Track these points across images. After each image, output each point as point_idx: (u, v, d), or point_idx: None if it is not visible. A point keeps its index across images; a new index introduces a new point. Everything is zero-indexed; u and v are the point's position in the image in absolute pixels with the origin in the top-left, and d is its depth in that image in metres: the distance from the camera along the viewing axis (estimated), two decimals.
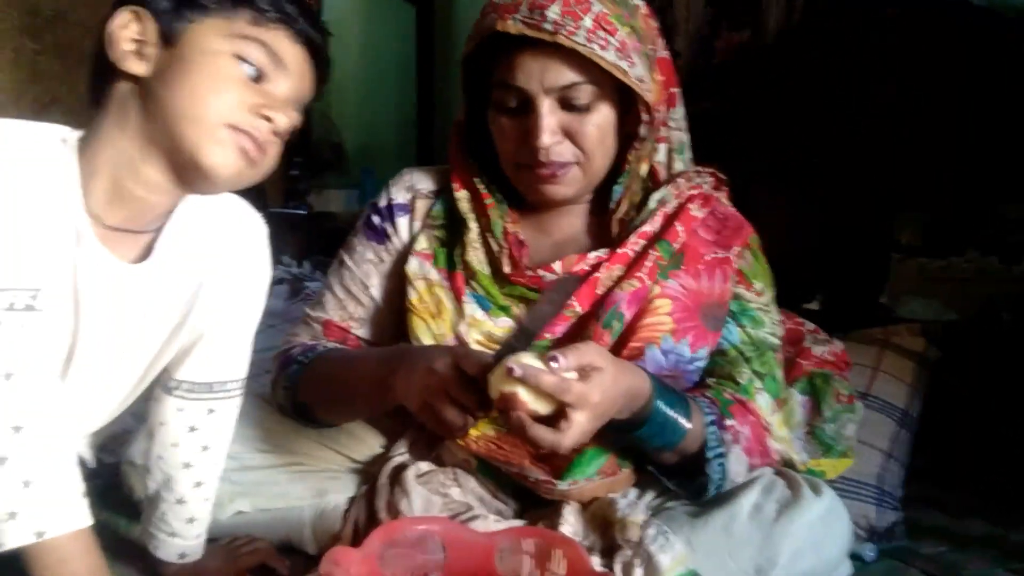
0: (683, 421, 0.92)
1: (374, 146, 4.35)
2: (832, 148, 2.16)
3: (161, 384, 0.93)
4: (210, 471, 0.96)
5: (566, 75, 0.94)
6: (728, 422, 0.96)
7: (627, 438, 0.94)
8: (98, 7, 0.82)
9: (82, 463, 0.89)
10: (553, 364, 0.77)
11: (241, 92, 0.77)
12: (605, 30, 0.92)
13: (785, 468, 1.03)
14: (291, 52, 0.80)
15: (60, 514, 0.71)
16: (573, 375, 0.79)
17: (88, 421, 0.92)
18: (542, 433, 0.78)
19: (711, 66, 2.75)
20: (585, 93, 0.95)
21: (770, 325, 1.06)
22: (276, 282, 2.59)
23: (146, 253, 0.84)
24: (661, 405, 0.90)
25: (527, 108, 0.97)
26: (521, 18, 0.92)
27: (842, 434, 1.23)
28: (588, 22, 0.91)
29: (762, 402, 1.01)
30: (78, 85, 0.81)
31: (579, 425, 0.78)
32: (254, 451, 1.07)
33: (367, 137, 4.36)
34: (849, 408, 1.25)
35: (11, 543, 0.68)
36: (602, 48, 0.92)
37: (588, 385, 0.78)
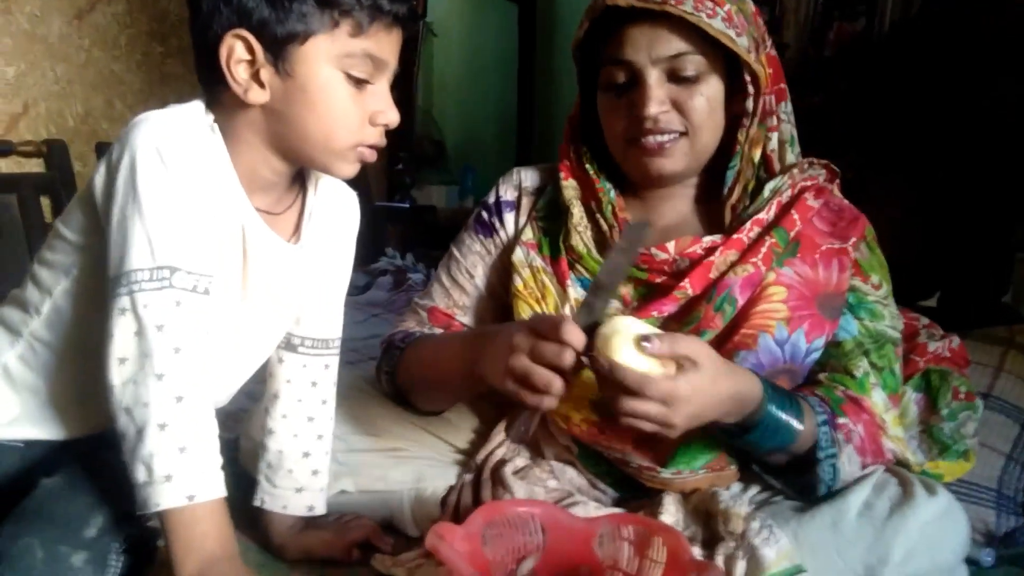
0: (795, 423, 0.90)
1: (474, 144, 4.40)
2: (952, 142, 2.06)
3: (285, 345, 1.00)
4: (328, 425, 1.02)
5: (674, 44, 0.95)
6: (840, 420, 0.93)
7: (740, 443, 0.93)
8: None
9: None
10: (645, 345, 0.77)
11: (358, 109, 0.82)
12: (713, 1, 0.94)
13: (898, 467, 0.99)
14: (388, 43, 0.83)
15: (207, 481, 0.75)
16: (671, 366, 0.79)
17: (226, 393, 0.98)
18: (631, 377, 0.77)
19: (822, 58, 2.67)
20: (693, 64, 0.96)
21: (890, 318, 1.03)
22: (380, 273, 2.68)
23: (293, 233, 0.92)
24: (773, 409, 0.88)
25: (635, 83, 0.98)
26: None
27: (961, 433, 1.17)
28: None
29: (877, 398, 0.98)
30: (200, 87, 0.86)
31: (663, 417, 0.78)
32: (360, 434, 1.11)
33: (468, 135, 4.43)
34: (969, 405, 1.19)
35: (165, 504, 0.73)
36: (709, 16, 0.93)
37: (677, 382, 0.78)
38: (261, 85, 0.80)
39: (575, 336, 0.80)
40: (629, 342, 0.79)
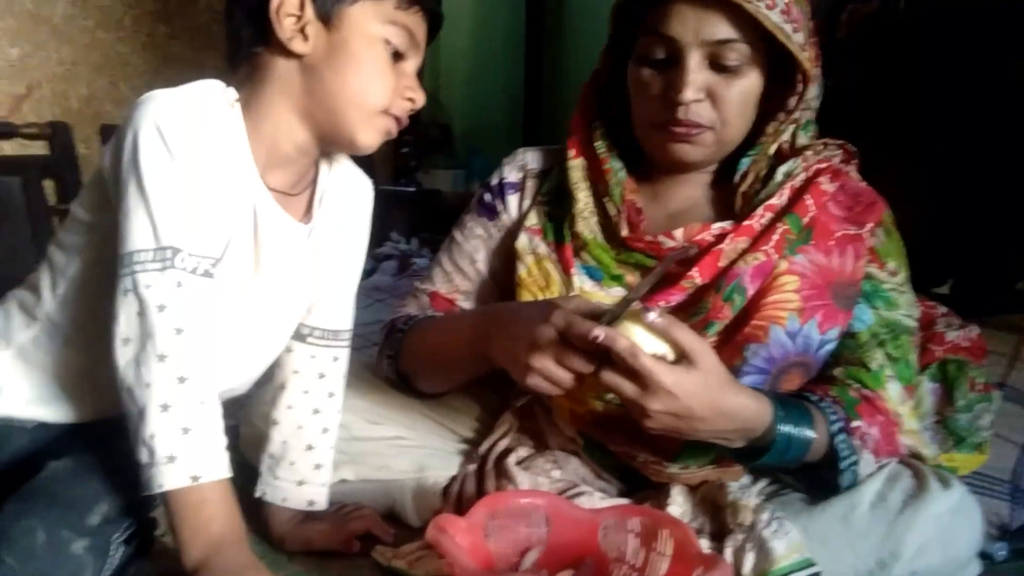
0: (808, 433, 0.86)
1: (481, 127, 4.37)
2: (969, 125, 2.02)
3: (295, 334, 0.99)
4: (334, 418, 1.01)
5: (724, 29, 0.91)
6: (855, 423, 0.91)
7: (750, 463, 0.91)
8: None
9: None
10: (646, 315, 0.76)
11: (392, 77, 0.84)
12: None
13: (912, 459, 0.97)
14: (422, 31, 0.87)
15: (211, 461, 0.74)
16: (667, 351, 0.77)
17: (243, 381, 0.97)
18: (621, 343, 0.75)
19: (835, 41, 2.63)
20: (738, 53, 0.92)
21: (906, 307, 1.00)
22: (384, 258, 2.66)
23: (304, 214, 0.92)
24: (785, 428, 0.85)
25: (673, 62, 0.94)
26: None
27: (978, 425, 1.15)
28: None
29: (892, 391, 0.95)
30: (208, 66, 0.85)
31: (636, 397, 0.76)
32: (362, 421, 1.09)
33: (474, 118, 4.39)
34: (986, 397, 1.17)
35: (168, 485, 0.72)
36: (768, 8, 0.89)
37: (664, 369, 0.76)
38: (305, 38, 0.81)
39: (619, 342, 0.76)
40: (632, 316, 0.77)
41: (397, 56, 0.85)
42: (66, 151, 2.67)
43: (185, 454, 0.73)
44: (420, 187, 3.37)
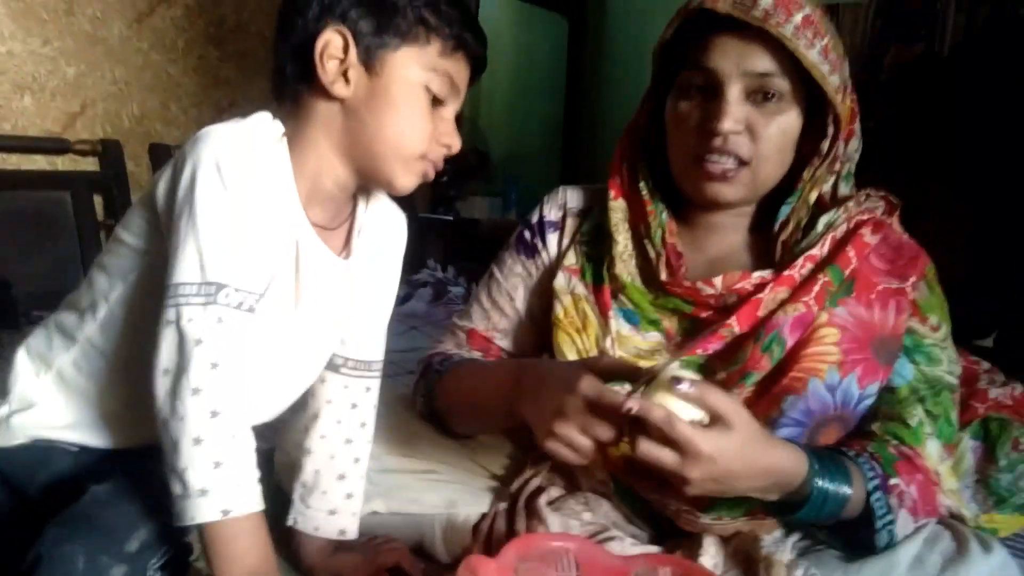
0: (845, 489, 0.85)
1: (520, 155, 4.40)
2: (1017, 169, 2.00)
3: (328, 364, 1.00)
4: (365, 448, 1.02)
5: (764, 62, 0.91)
6: (892, 481, 0.88)
7: (785, 519, 0.90)
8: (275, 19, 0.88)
9: None
10: (677, 386, 0.74)
11: (431, 123, 0.85)
12: (814, 31, 0.90)
13: (952, 520, 0.95)
14: (463, 76, 0.87)
15: (243, 495, 0.75)
16: (702, 416, 0.75)
17: (274, 411, 0.98)
18: (657, 413, 0.74)
19: (879, 83, 2.62)
20: (778, 87, 0.92)
21: (947, 363, 0.98)
22: (420, 285, 2.69)
23: (343, 248, 0.93)
24: (821, 483, 0.83)
25: (713, 94, 0.94)
26: (731, 1, 0.90)
27: (1020, 485, 1.11)
28: (798, 19, 0.89)
29: (932, 449, 0.93)
30: (255, 90, 0.87)
31: (677, 467, 0.75)
32: (394, 454, 1.10)
33: (513, 146, 4.43)
34: None
35: (201, 518, 0.73)
36: (807, 46, 0.89)
37: (701, 435, 0.74)
38: (347, 82, 0.83)
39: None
40: (664, 386, 0.76)
41: (436, 102, 0.85)
42: (116, 168, 2.74)
43: (217, 488, 0.73)
44: (457, 215, 3.40)
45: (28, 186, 2.48)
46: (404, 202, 1.02)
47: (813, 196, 0.99)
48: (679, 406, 0.75)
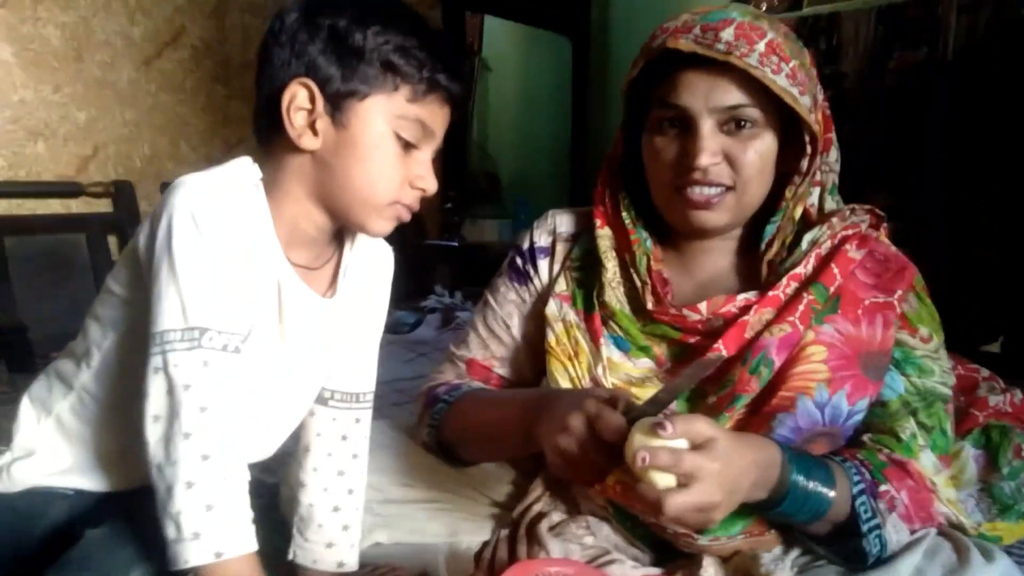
0: (825, 490, 0.86)
1: (528, 177, 4.43)
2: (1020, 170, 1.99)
3: (317, 398, 1.01)
4: (359, 479, 1.02)
5: (733, 95, 0.92)
6: (882, 487, 0.89)
7: (773, 515, 0.90)
8: None
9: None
10: (660, 431, 0.75)
11: (401, 169, 0.85)
12: (779, 56, 0.91)
13: (952, 530, 0.94)
14: (440, 116, 0.87)
15: (235, 537, 0.76)
16: (684, 444, 0.76)
17: (267, 449, 0.99)
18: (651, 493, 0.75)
19: (883, 88, 2.62)
20: (750, 117, 0.93)
21: (940, 374, 0.97)
22: (428, 311, 2.70)
23: (327, 288, 0.94)
24: (798, 477, 0.84)
25: (686, 128, 0.95)
26: (693, 37, 0.91)
27: (1023, 492, 1.11)
28: (761, 46, 0.91)
29: (926, 461, 0.93)
30: None
31: (701, 494, 0.74)
32: (396, 484, 1.11)
33: (522, 168, 4.46)
34: None
35: (194, 561, 0.74)
36: (774, 72, 0.90)
37: (704, 455, 0.75)
38: (315, 134, 0.83)
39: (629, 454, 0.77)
40: (646, 431, 0.77)
41: (409, 146, 0.85)
42: (129, 208, 2.80)
43: (209, 531, 0.75)
44: (464, 241, 3.42)
45: (44, 230, 2.54)
46: (413, 229, 1.04)
47: (798, 212, 1.00)
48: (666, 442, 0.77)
